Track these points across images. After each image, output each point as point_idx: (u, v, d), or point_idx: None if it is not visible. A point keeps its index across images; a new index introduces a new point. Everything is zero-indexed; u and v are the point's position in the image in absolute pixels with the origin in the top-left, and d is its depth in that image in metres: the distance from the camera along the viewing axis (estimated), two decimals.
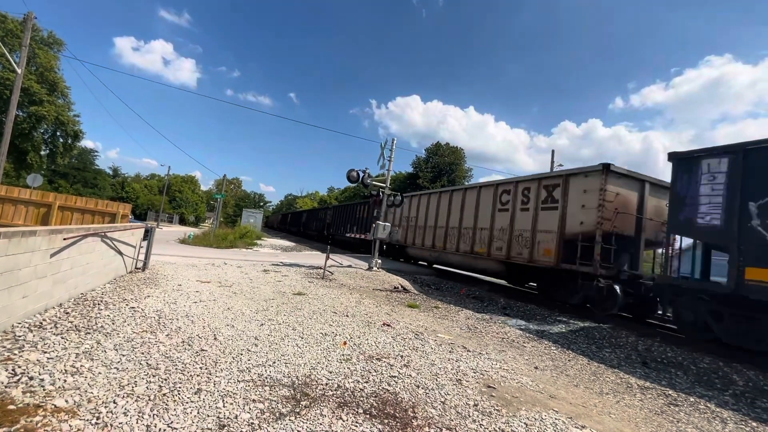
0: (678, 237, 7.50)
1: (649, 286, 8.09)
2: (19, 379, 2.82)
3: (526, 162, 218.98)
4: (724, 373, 5.56)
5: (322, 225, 33.55)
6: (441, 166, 46.76)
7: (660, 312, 8.60)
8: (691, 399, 4.58)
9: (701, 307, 6.87)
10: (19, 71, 16.90)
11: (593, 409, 3.86)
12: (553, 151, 28.13)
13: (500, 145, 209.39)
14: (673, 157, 7.29)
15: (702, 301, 6.86)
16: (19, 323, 3.90)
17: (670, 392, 4.75)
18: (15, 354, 3.22)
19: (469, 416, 3.21)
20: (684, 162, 7.09)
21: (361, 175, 13.97)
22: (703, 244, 7.25)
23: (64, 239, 4.68)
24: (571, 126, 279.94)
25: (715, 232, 6.45)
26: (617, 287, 8.29)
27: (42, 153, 34.58)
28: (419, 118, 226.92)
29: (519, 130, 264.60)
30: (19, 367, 3.00)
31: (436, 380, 3.96)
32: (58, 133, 34.88)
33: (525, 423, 3.19)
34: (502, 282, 13.87)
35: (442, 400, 3.48)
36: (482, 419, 3.18)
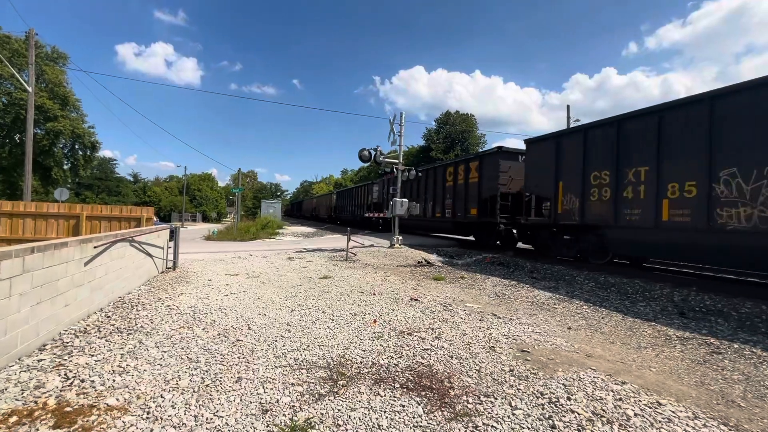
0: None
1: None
2: (72, 383, 2.98)
3: (541, 121, 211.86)
4: None
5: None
6: (453, 135, 45.82)
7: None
8: (735, 345, 4.44)
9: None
10: (30, 89, 17.27)
11: (632, 365, 3.80)
12: (568, 107, 27.06)
13: (512, 107, 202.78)
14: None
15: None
16: (66, 330, 4.10)
17: (711, 341, 4.62)
18: (65, 359, 3.40)
19: (506, 381, 3.21)
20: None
21: (373, 153, 13.83)
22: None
23: (95, 247, 4.84)
24: (583, 78, 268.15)
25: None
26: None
27: (65, 167, 35.76)
28: (425, 89, 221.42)
29: (529, 89, 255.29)
30: (71, 371, 3.16)
31: (469, 349, 3.96)
32: (76, 146, 35.89)
33: (563, 384, 3.17)
34: (528, 246, 13.72)
35: (477, 368, 3.49)
36: (519, 383, 3.18)
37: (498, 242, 14.25)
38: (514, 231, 12.71)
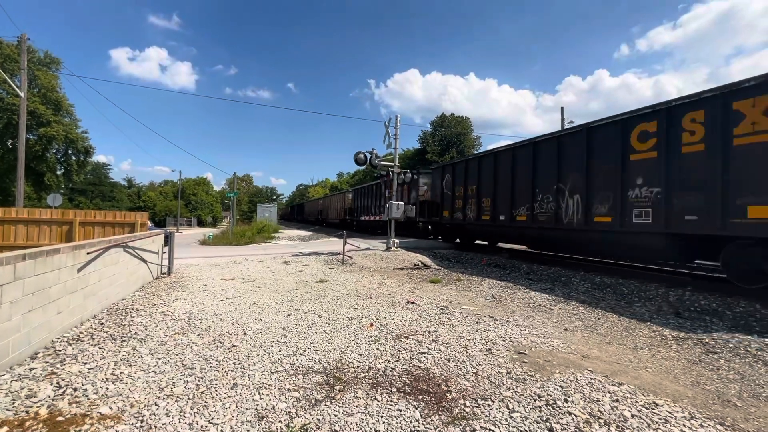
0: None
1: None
2: (64, 391, 2.93)
3: (535, 123, 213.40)
4: (762, 315, 5.40)
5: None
6: (448, 137, 45.96)
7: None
8: (730, 345, 4.47)
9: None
10: (22, 95, 17.13)
11: (629, 365, 3.81)
12: (562, 109, 27.26)
13: (506, 109, 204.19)
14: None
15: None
16: (58, 338, 4.05)
17: (707, 340, 4.64)
18: (58, 368, 3.35)
19: (503, 384, 3.21)
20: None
21: (369, 156, 13.83)
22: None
23: (88, 253, 4.79)
24: (576, 80, 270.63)
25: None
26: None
27: (58, 172, 35.43)
28: (420, 92, 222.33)
29: (524, 91, 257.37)
30: (63, 379, 3.12)
31: (466, 352, 3.96)
32: (69, 152, 35.58)
33: (560, 386, 3.17)
34: (522, 247, 13.77)
35: (475, 371, 3.48)
36: (516, 386, 3.17)
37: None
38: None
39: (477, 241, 14.73)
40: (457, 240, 15.31)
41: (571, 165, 9.10)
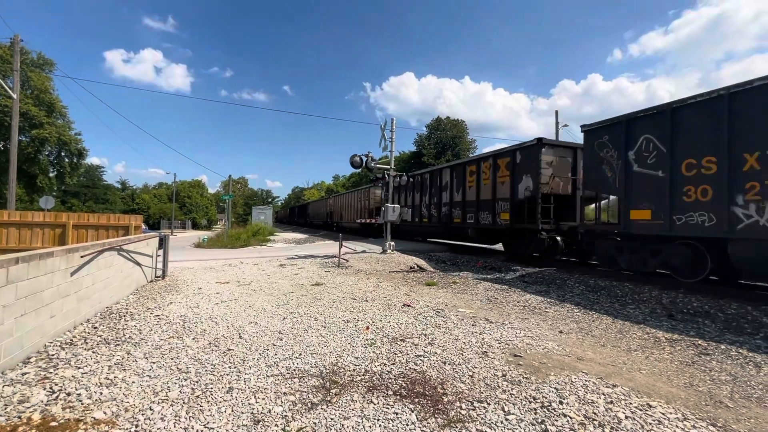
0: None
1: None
2: (57, 396, 2.90)
3: (530, 126, 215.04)
4: (753, 317, 5.47)
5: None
6: (444, 140, 46.17)
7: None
8: (722, 346, 4.53)
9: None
10: (14, 96, 16.98)
11: (623, 367, 3.84)
12: (557, 112, 27.57)
13: (501, 112, 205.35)
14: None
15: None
16: (51, 342, 4.01)
17: (699, 342, 4.70)
18: (51, 372, 3.32)
19: (499, 387, 3.22)
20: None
21: (364, 159, 13.85)
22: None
23: (81, 257, 4.75)
24: (570, 84, 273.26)
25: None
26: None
27: (50, 175, 35.06)
28: (415, 96, 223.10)
29: (518, 94, 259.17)
30: (56, 384, 3.09)
31: (462, 355, 3.97)
32: (62, 154, 35.23)
33: (555, 388, 3.19)
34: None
35: (470, 373, 3.49)
36: (512, 388, 3.19)
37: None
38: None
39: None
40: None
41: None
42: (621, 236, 8.47)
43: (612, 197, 9.39)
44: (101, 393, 2.97)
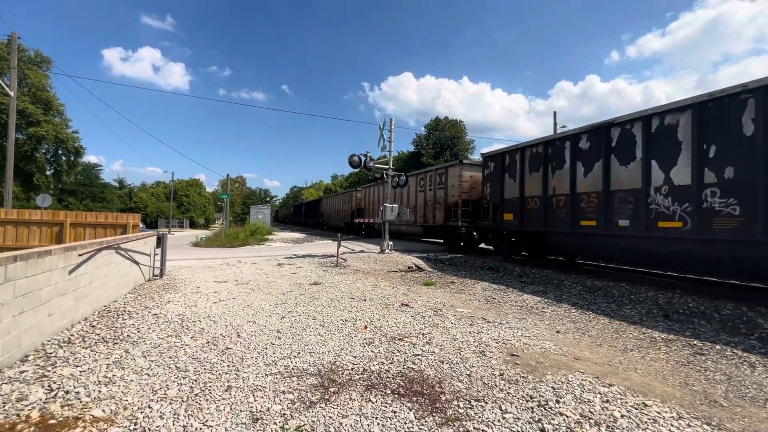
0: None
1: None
2: (56, 394, 2.91)
3: (528, 127, 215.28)
4: (748, 318, 5.51)
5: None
6: (442, 140, 46.18)
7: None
8: (717, 347, 4.56)
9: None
10: (12, 94, 16.90)
11: (619, 367, 3.87)
12: (555, 113, 27.57)
13: (500, 113, 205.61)
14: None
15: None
16: (49, 341, 4.00)
17: (694, 342, 4.73)
18: (49, 371, 3.32)
19: (496, 386, 3.24)
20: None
21: (363, 159, 13.86)
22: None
23: (79, 255, 4.75)
24: (568, 85, 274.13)
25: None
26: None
27: (47, 173, 34.91)
28: (414, 96, 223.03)
29: (517, 95, 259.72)
30: (54, 382, 3.09)
31: (460, 354, 3.99)
32: (59, 152, 35.10)
33: (552, 387, 3.21)
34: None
35: (468, 373, 3.51)
36: (509, 387, 3.21)
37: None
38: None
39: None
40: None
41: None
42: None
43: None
44: (100, 391, 2.98)
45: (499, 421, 2.69)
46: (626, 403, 2.97)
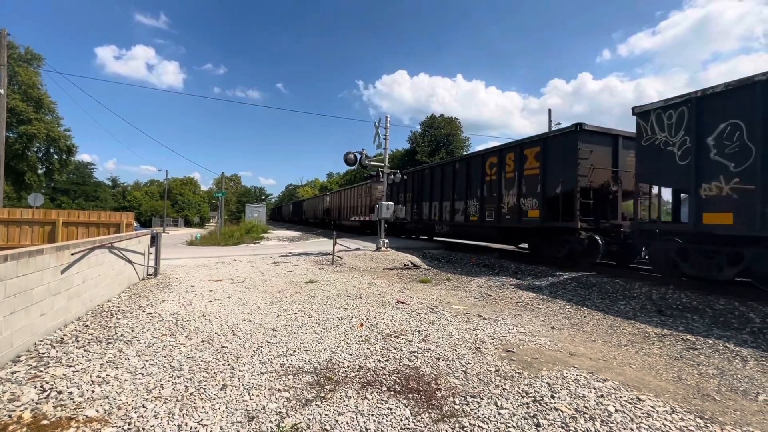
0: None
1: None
2: (48, 395, 2.87)
3: (523, 125, 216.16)
4: (740, 312, 5.58)
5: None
6: (438, 138, 46.21)
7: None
8: (710, 341, 4.61)
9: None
10: (1, 91, 16.66)
11: (613, 362, 3.90)
12: (549, 110, 27.63)
13: (494, 111, 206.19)
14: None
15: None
16: (41, 341, 3.96)
17: (687, 337, 4.78)
18: (41, 371, 3.28)
19: (492, 382, 3.25)
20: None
21: (359, 156, 13.84)
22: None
23: (72, 254, 4.70)
24: (560, 83, 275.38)
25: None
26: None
27: (39, 172, 34.54)
28: (408, 94, 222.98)
29: (511, 93, 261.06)
30: (47, 383, 3.06)
31: (456, 351, 4.00)
32: (51, 150, 34.73)
33: (547, 382, 3.23)
34: (510, 247, 13.94)
35: (464, 369, 3.52)
36: (505, 383, 3.22)
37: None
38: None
39: None
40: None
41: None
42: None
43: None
44: (93, 391, 2.95)
45: (494, 416, 2.70)
46: (620, 397, 2.99)
